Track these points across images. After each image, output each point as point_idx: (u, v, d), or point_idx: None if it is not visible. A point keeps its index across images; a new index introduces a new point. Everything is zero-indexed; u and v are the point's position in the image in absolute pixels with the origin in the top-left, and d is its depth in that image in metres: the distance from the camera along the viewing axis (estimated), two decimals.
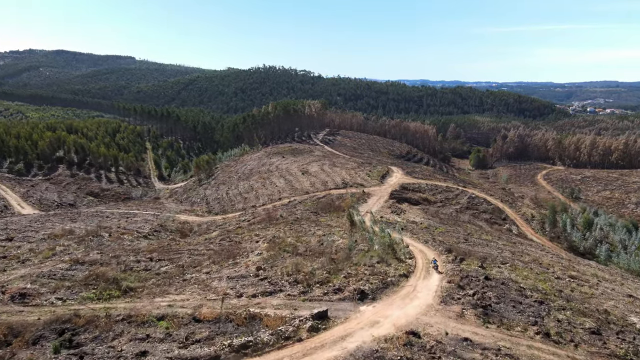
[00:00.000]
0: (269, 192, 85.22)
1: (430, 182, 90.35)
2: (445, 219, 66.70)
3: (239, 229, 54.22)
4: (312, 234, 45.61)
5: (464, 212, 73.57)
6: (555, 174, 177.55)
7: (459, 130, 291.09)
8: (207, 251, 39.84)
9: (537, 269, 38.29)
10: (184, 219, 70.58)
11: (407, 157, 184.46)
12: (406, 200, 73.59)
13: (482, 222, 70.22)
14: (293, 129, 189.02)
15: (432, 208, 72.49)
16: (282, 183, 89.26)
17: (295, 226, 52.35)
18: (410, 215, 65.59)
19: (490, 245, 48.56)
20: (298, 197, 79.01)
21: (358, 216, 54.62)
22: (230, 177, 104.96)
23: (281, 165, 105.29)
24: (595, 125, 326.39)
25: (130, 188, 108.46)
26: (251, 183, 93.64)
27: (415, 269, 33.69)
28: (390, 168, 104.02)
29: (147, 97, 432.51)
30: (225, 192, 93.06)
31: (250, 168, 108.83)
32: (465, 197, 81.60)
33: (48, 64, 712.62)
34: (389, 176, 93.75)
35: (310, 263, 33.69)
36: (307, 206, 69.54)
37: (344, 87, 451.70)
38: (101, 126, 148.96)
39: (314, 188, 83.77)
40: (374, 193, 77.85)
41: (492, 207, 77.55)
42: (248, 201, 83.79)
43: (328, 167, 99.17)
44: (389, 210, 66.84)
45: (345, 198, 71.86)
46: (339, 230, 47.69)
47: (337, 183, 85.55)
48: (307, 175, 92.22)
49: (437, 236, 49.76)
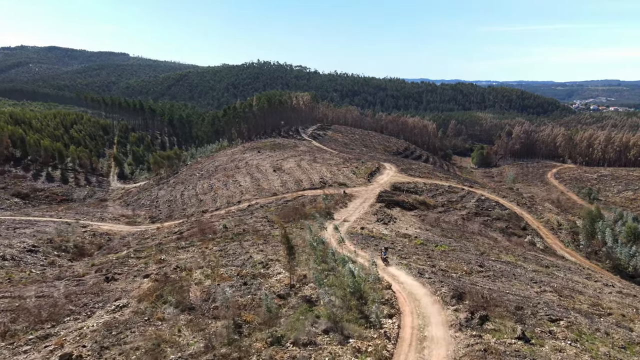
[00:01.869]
0: (230, 193, 68.82)
1: (429, 181, 73.93)
2: (449, 230, 50.33)
3: (150, 248, 37.87)
4: (243, 262, 29.28)
5: (472, 219, 57.15)
6: (568, 172, 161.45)
7: (460, 127, 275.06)
8: (21, 303, 23.31)
9: (612, 330, 21.92)
10: (107, 228, 54.21)
11: (405, 154, 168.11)
12: (398, 204, 57.18)
13: (497, 232, 53.81)
14: (280, 124, 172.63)
15: (432, 214, 56.09)
16: (247, 182, 72.81)
17: (233, 244, 36.00)
18: (401, 224, 49.22)
19: (519, 275, 32.22)
20: (262, 199, 62.61)
21: (322, 230, 38.27)
22: (192, 176, 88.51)
23: (252, 161, 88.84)
24: (602, 122, 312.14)
25: (73, 188, 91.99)
26: (212, 182, 77.23)
27: (397, 348, 17.35)
28: (382, 164, 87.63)
29: (135, 92, 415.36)
30: (180, 193, 76.67)
31: (217, 165, 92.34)
32: (472, 199, 65.19)
33: (39, 60, 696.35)
34: (379, 174, 77.29)
35: (192, 334, 17.29)
36: (268, 212, 53.18)
37: (340, 82, 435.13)
38: (56, 118, 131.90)
39: (284, 188, 67.35)
40: (358, 194, 61.50)
41: (508, 212, 61.09)
42: (203, 204, 67.42)
43: (306, 163, 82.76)
44: (374, 217, 50.45)
45: (318, 202, 55.52)
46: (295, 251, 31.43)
47: (314, 182, 69.15)
48: (280, 173, 75.80)
49: (438, 259, 33.46)
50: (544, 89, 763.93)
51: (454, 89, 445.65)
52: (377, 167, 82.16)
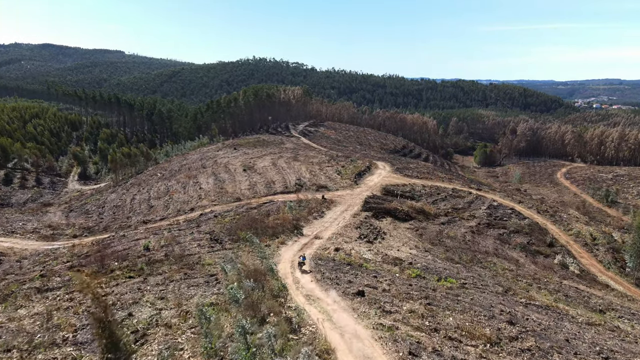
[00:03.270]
0: (186, 198, 56.39)
1: (429, 183, 61.44)
2: (456, 249, 37.86)
3: (19, 284, 25.53)
4: (121, 321, 16.89)
5: (484, 232, 44.68)
6: (579, 172, 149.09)
7: (461, 125, 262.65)
8: None
9: None
10: (6, 246, 41.84)
11: (403, 152, 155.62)
12: (389, 212, 44.71)
13: (518, 251, 41.32)
14: (270, 119, 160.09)
15: (432, 226, 43.64)
16: (209, 184, 60.32)
17: (130, 284, 23.66)
18: (392, 242, 36.77)
19: (573, 338, 19.83)
20: (221, 206, 50.19)
21: (280, 250, 25.95)
22: (153, 176, 76.03)
23: (223, 159, 76.33)
24: (609, 120, 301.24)
25: (15, 190, 79.71)
26: (171, 184, 64.75)
27: None
28: (374, 163, 75.25)
29: (126, 89, 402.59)
30: (132, 197, 64.19)
31: (184, 164, 79.94)
32: (482, 206, 52.75)
33: (32, 57, 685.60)
34: (369, 174, 64.78)
35: None
36: (219, 224, 40.76)
37: (338, 79, 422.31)
38: (15, 111, 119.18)
39: (251, 192, 54.90)
40: (341, 200, 49.11)
41: (527, 222, 48.62)
42: (153, 211, 55.00)
43: (284, 161, 70.30)
44: (356, 233, 37.99)
45: (286, 211, 43.05)
46: (212, 307, 19.23)
47: (289, 184, 56.75)
48: (250, 173, 63.31)
49: (443, 312, 21.11)
50: (544, 88, 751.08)
51: (455, 86, 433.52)
52: (367, 166, 69.69)
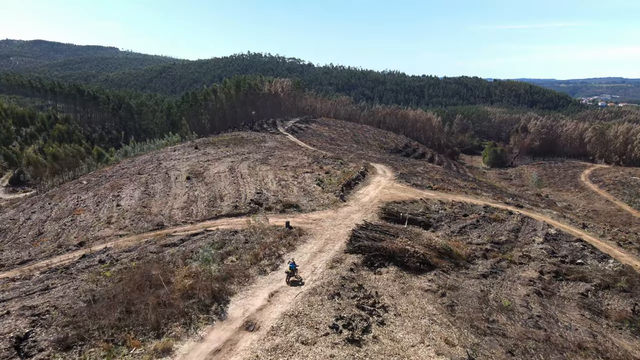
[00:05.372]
0: (90, 222, 37.91)
1: (447, 198, 42.83)
2: (523, 343, 19.43)
3: None
4: None
5: (555, 292, 26.12)
6: (606, 174, 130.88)
7: (466, 122, 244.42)
8: None
9: None
10: None
11: (406, 151, 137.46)
12: (392, 257, 26.27)
13: (623, 335, 22.90)
14: (254, 115, 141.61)
15: (468, 285, 25.22)
16: (132, 199, 41.83)
17: None
18: (399, 331, 18.36)
19: None
20: (129, 238, 31.74)
21: None
22: (77, 184, 57.56)
23: (169, 162, 57.87)
24: (622, 117, 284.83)
25: None
26: (85, 198, 46.23)
27: None
28: (371, 166, 56.80)
29: (114, 85, 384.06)
30: (28, 215, 45.72)
31: (124, 168, 61.53)
32: (535, 235, 34.20)
33: (22, 53, 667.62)
34: (363, 183, 46.12)
35: None
36: (95, 281, 22.40)
37: (336, 75, 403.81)
38: None
39: (184, 213, 36.39)
40: (316, 229, 30.69)
41: (615, 266, 30.21)
42: (37, 241, 36.66)
43: (247, 166, 51.79)
44: (331, 312, 19.56)
45: (200, 266, 24.56)
46: None
47: (242, 201, 38.22)
48: (195, 183, 44.87)
49: None
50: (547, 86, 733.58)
51: (458, 82, 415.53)
52: (362, 171, 51.03)
